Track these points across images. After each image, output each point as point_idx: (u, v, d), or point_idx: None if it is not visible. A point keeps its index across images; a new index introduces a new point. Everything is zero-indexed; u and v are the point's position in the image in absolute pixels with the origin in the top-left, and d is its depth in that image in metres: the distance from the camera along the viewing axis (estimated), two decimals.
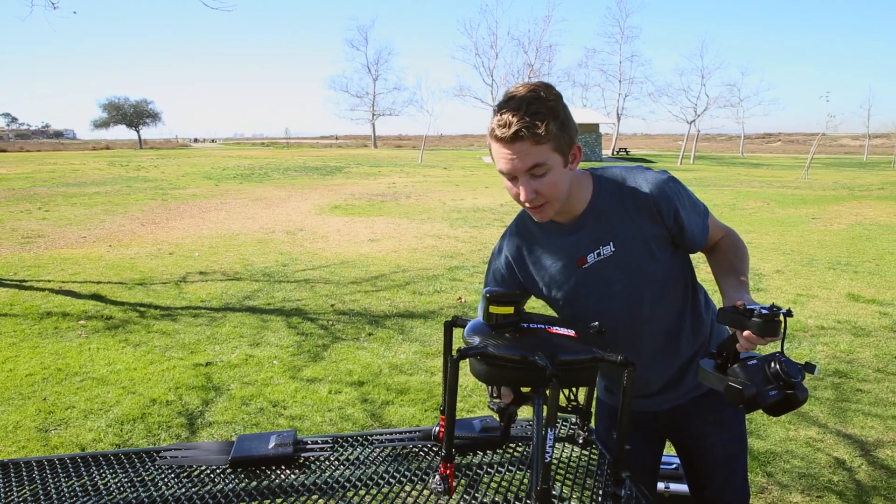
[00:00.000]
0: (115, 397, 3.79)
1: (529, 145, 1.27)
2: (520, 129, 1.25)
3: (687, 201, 1.45)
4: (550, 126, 1.26)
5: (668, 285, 1.49)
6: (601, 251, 1.45)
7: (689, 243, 1.48)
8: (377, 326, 5.22)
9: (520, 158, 1.28)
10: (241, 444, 1.58)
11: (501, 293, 1.19)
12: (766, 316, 1.14)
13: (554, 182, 1.32)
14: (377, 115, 67.83)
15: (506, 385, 1.25)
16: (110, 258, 8.06)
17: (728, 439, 1.59)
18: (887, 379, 4.13)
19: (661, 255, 1.45)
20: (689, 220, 1.45)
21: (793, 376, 1.12)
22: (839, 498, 2.77)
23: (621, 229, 1.43)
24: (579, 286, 1.49)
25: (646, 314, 1.49)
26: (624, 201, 1.43)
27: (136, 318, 5.43)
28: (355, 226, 11.07)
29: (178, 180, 21.02)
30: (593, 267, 1.46)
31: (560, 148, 1.30)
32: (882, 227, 11.24)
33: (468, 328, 1.23)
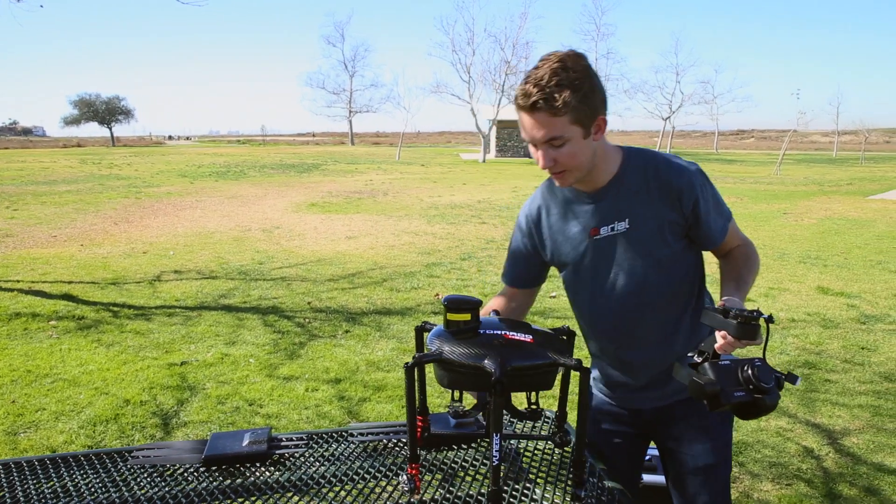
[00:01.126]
0: (87, 398, 3.73)
1: (547, 116, 1.29)
2: (537, 101, 1.28)
3: (710, 197, 1.46)
4: (569, 99, 1.27)
5: (675, 276, 1.49)
6: (615, 226, 1.45)
7: (703, 238, 1.48)
8: (354, 324, 5.21)
9: (537, 129, 1.31)
10: (215, 443, 1.57)
11: (459, 300, 1.20)
12: (744, 318, 1.12)
13: (572, 153, 1.34)
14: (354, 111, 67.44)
15: (462, 389, 1.26)
16: (82, 257, 7.92)
17: (711, 447, 1.56)
18: (854, 369, 4.23)
19: (673, 242, 1.45)
20: (707, 215, 1.44)
21: (764, 381, 1.11)
22: (807, 485, 2.84)
23: (639, 208, 1.43)
24: (587, 256, 1.50)
25: (647, 299, 1.48)
26: (648, 181, 1.43)
27: (109, 318, 5.35)
28: (332, 223, 11.01)
29: (152, 178, 20.71)
30: (605, 240, 1.47)
31: (580, 120, 1.31)
32: (850, 221, 11.49)
33: (431, 334, 1.25)
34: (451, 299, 1.21)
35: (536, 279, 1.67)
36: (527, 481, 1.44)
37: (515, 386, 1.18)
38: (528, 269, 1.65)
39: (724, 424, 1.59)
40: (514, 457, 1.56)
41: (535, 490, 1.40)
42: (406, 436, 1.64)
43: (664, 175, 1.43)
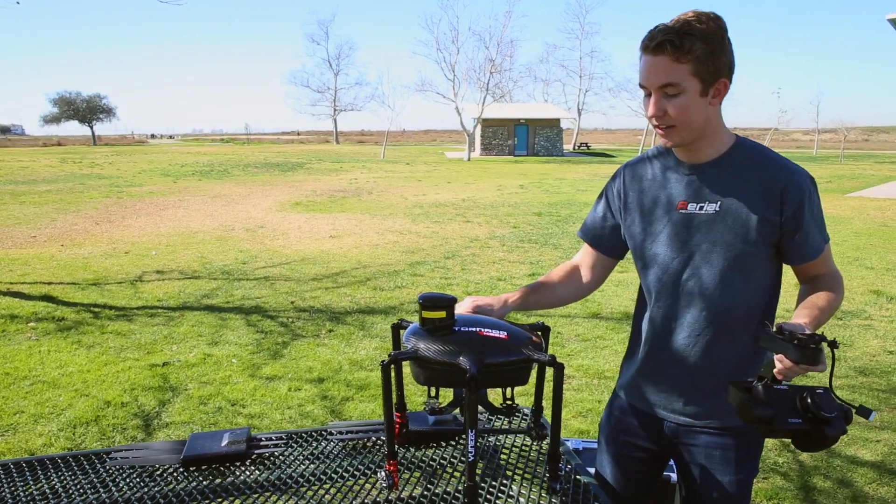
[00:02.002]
0: (66, 400, 3.70)
1: (669, 61, 1.25)
2: (662, 42, 1.24)
3: (816, 209, 1.36)
4: (696, 47, 1.23)
5: (750, 282, 1.38)
6: (705, 206, 1.37)
7: (796, 249, 1.36)
8: (337, 323, 5.20)
9: (656, 72, 1.27)
10: (194, 443, 1.58)
11: (434, 298, 1.21)
12: (803, 341, 1.04)
13: (685, 106, 1.28)
14: (339, 110, 67.23)
15: (438, 386, 1.26)
16: (62, 258, 7.83)
17: (730, 483, 1.44)
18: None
19: (760, 244, 1.35)
20: (809, 225, 1.34)
21: (825, 411, 1.04)
22: (783, 479, 2.89)
23: (736, 195, 1.35)
24: (666, 228, 1.43)
25: (709, 293, 1.39)
26: (754, 170, 1.35)
27: (90, 318, 5.30)
28: (316, 222, 10.98)
29: (134, 177, 20.51)
30: (689, 217, 1.39)
31: (701, 73, 1.26)
32: (829, 218, 11.65)
33: (407, 331, 1.25)
34: (426, 297, 1.21)
35: (614, 247, 1.57)
36: (504, 477, 1.46)
37: (490, 382, 1.19)
38: (609, 235, 1.56)
39: (751, 458, 1.47)
40: (492, 453, 1.58)
41: (512, 486, 1.42)
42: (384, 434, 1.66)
43: (773, 169, 1.35)
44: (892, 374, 4.13)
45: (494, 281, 6.65)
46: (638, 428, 1.56)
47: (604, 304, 5.74)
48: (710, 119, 1.33)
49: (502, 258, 7.90)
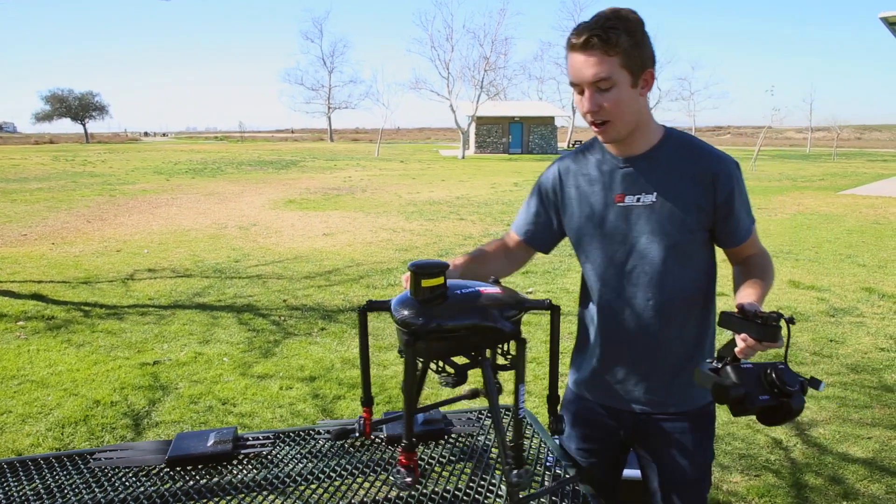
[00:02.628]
0: (55, 400, 3.67)
1: (599, 55, 1.28)
2: (591, 37, 1.27)
3: (743, 193, 1.43)
4: (622, 40, 1.27)
5: (690, 267, 1.44)
6: (642, 197, 1.41)
7: (729, 233, 1.43)
8: (330, 321, 5.18)
9: (587, 67, 1.29)
10: (179, 443, 1.56)
11: (429, 265, 1.09)
12: (765, 318, 1.09)
13: (618, 99, 1.31)
14: (333, 108, 67.07)
15: (456, 355, 1.16)
16: (53, 256, 7.77)
17: (690, 465, 1.49)
18: (822, 361, 4.32)
19: (696, 230, 1.41)
20: (739, 210, 1.41)
21: (789, 385, 1.08)
22: (775, 476, 2.89)
23: (671, 184, 1.40)
24: (607, 222, 1.45)
25: (653, 282, 1.43)
26: (686, 160, 1.41)
27: (80, 317, 5.26)
28: (310, 220, 10.94)
29: (126, 175, 20.40)
30: (628, 209, 1.43)
31: (630, 66, 1.29)
32: (821, 216, 11.70)
33: (400, 306, 1.11)
34: (420, 265, 1.09)
35: (544, 243, 1.62)
36: (492, 476, 1.44)
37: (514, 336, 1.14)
38: (541, 231, 1.60)
39: (707, 439, 1.53)
40: (482, 452, 1.56)
41: (501, 486, 1.40)
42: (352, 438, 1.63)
43: (704, 158, 1.40)
44: (883, 371, 4.14)
45: None
46: (598, 422, 1.58)
47: None
48: (642, 111, 1.37)
49: None
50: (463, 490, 1.39)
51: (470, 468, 1.49)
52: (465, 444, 1.61)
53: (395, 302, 1.13)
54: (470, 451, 1.57)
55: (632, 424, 1.53)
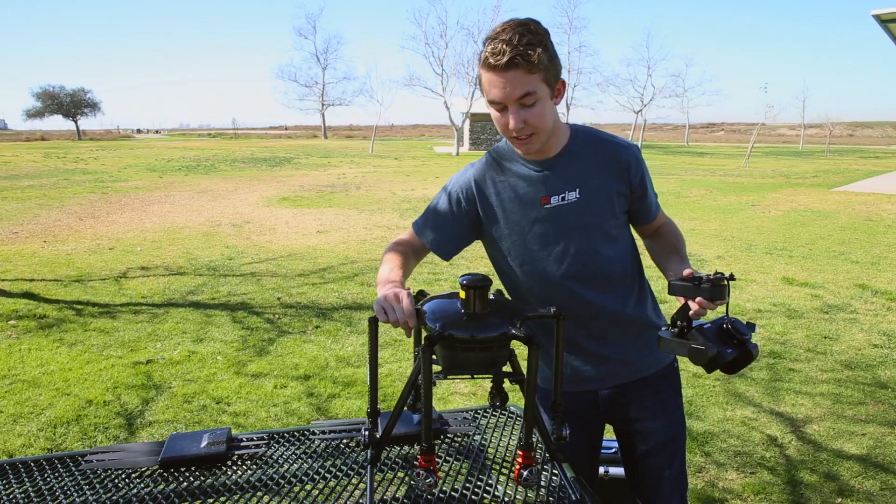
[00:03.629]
0: (47, 400, 3.64)
1: (522, 73, 1.29)
2: (514, 57, 1.27)
3: (648, 175, 1.54)
4: (542, 56, 1.29)
5: (621, 249, 1.53)
6: (566, 195, 1.46)
7: (643, 211, 1.55)
8: (324, 319, 5.16)
9: (512, 86, 1.30)
10: (172, 444, 1.54)
11: (481, 278, 1.12)
12: (715, 280, 1.20)
13: (542, 113, 1.35)
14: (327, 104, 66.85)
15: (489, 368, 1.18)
16: (45, 254, 7.72)
17: (667, 423, 1.60)
18: (816, 358, 4.33)
19: (620, 214, 1.50)
20: (649, 189, 1.53)
21: (744, 333, 1.19)
22: (771, 473, 2.89)
23: (589, 178, 1.46)
24: (537, 226, 1.49)
25: (598, 269, 1.50)
26: (597, 152, 1.47)
27: (72, 316, 5.23)
28: (304, 217, 10.90)
29: (119, 172, 20.28)
30: (555, 210, 1.47)
31: (548, 79, 1.33)
32: (815, 213, 11.74)
33: (435, 317, 1.14)
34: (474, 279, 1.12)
35: (449, 253, 1.61)
36: (489, 476, 1.43)
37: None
38: (448, 240, 1.59)
39: (676, 399, 1.64)
40: (478, 452, 1.55)
41: (498, 487, 1.39)
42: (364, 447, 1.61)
43: (611, 147, 1.49)
44: (877, 368, 4.15)
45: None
46: (576, 408, 1.61)
47: None
48: (556, 119, 1.43)
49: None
50: (459, 490, 1.37)
51: (466, 468, 1.48)
52: (461, 443, 1.60)
53: (436, 314, 1.16)
54: (466, 451, 1.56)
55: (606, 401, 1.61)
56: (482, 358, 1.12)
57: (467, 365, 1.13)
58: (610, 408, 1.62)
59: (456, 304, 1.15)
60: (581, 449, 1.65)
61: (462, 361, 1.12)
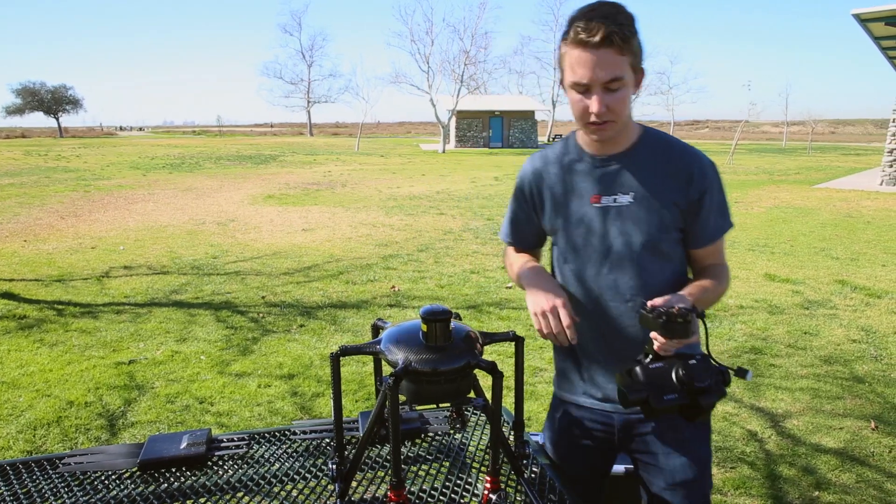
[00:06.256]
0: (27, 401, 3.60)
1: (614, 53, 1.21)
2: (609, 34, 1.19)
3: (718, 194, 1.39)
4: (633, 40, 1.22)
5: (668, 268, 1.41)
6: (619, 198, 1.38)
7: (696, 231, 1.40)
8: (309, 318, 5.15)
9: (602, 67, 1.21)
10: (152, 446, 1.53)
11: (442, 311, 1.13)
12: (669, 315, 1.08)
13: (624, 99, 1.27)
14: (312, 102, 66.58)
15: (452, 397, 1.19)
16: (25, 254, 7.62)
17: (685, 463, 1.43)
18: (797, 354, 4.38)
19: (671, 229, 1.38)
20: (710, 209, 1.38)
21: (698, 381, 1.06)
22: (750, 468, 2.93)
23: (647, 184, 1.36)
24: (584, 223, 1.42)
25: (631, 283, 1.39)
26: (662, 159, 1.38)
27: (53, 316, 5.17)
28: (289, 216, 10.85)
29: (102, 170, 20.06)
30: (604, 210, 1.39)
31: (634, 65, 1.26)
32: (796, 209, 11.87)
33: (408, 350, 1.12)
34: (434, 311, 1.12)
35: (540, 241, 1.59)
36: (468, 475, 1.44)
37: None
38: (530, 233, 1.57)
39: (700, 435, 1.47)
40: (458, 452, 1.56)
41: (477, 485, 1.40)
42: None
43: (680, 155, 1.38)
44: (855, 363, 4.21)
45: (468, 274, 6.64)
46: (586, 427, 1.53)
47: None
48: (629, 111, 1.34)
49: (476, 251, 7.89)
50: (439, 489, 1.38)
51: (447, 467, 1.49)
52: (441, 442, 1.61)
53: (391, 344, 1.16)
54: (447, 450, 1.57)
55: (622, 426, 1.48)
56: (446, 389, 1.13)
57: (432, 396, 1.13)
58: (625, 436, 1.50)
59: (417, 336, 1.14)
60: (582, 469, 1.56)
61: (427, 393, 1.13)
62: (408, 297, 5.72)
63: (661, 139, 1.41)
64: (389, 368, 1.13)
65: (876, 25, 13.58)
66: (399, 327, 1.20)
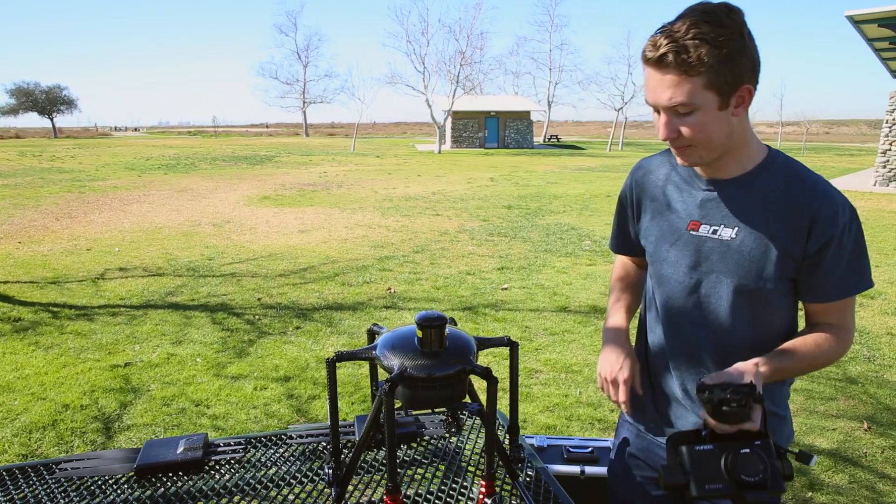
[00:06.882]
0: (22, 404, 3.60)
1: (676, 76, 1.06)
2: (666, 54, 1.05)
3: (853, 246, 1.15)
4: (706, 57, 1.04)
5: (762, 317, 1.22)
6: (719, 230, 1.21)
7: (809, 286, 1.19)
8: (305, 319, 5.15)
9: (662, 89, 1.09)
10: (148, 451, 1.54)
11: (437, 317, 1.14)
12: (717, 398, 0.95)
13: (702, 124, 1.10)
14: (308, 102, 66.52)
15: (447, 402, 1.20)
16: (19, 255, 7.60)
17: None
18: None
19: (777, 279, 1.18)
20: (834, 264, 1.15)
21: (746, 474, 0.94)
22: None
23: (756, 221, 1.17)
24: (674, 248, 1.28)
25: (714, 329, 1.24)
26: (783, 193, 1.16)
27: (48, 318, 5.16)
28: (285, 217, 10.85)
29: (97, 171, 19.99)
30: (701, 240, 1.23)
31: (717, 85, 1.06)
32: None
33: (403, 356, 1.13)
34: (430, 316, 1.13)
35: (635, 248, 1.45)
36: (464, 479, 1.45)
37: None
38: (632, 239, 1.44)
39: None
40: (453, 456, 1.57)
41: (473, 489, 1.41)
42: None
43: (806, 193, 1.15)
44: (847, 364, 4.24)
45: (464, 275, 6.65)
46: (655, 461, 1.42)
47: (572, 298, 5.78)
48: (735, 132, 1.15)
49: (472, 252, 7.90)
50: (435, 493, 1.39)
51: (442, 471, 1.50)
52: (437, 446, 1.62)
53: (387, 350, 1.17)
54: (442, 454, 1.58)
55: None
56: (442, 394, 1.14)
57: (427, 401, 1.15)
58: None
59: (413, 341, 1.15)
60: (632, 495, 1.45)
61: (422, 399, 1.14)
62: (404, 299, 5.73)
63: (788, 169, 1.19)
64: (385, 373, 1.14)
65: (869, 27, 13.64)
66: (394, 333, 1.21)
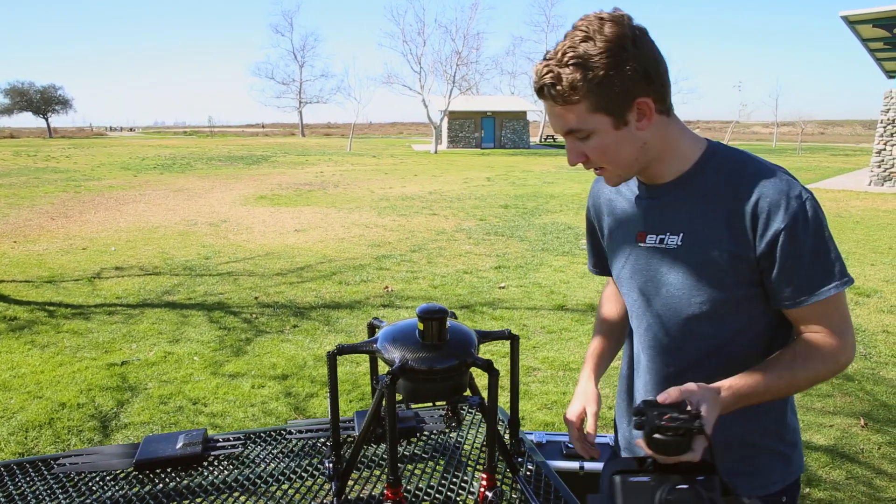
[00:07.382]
0: (18, 403, 3.58)
1: (556, 105, 1.02)
2: (542, 87, 1.01)
3: (808, 237, 1.01)
4: (581, 83, 0.97)
5: (720, 332, 1.10)
6: (665, 239, 1.12)
7: (773, 288, 1.05)
8: (302, 318, 5.14)
9: (553, 119, 1.05)
10: (147, 446, 1.53)
11: (438, 309, 1.12)
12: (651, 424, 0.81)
13: (603, 147, 1.04)
14: (304, 102, 66.46)
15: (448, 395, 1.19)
16: (15, 255, 7.57)
17: None
18: None
19: (733, 286, 1.06)
20: (792, 260, 1.01)
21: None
22: None
23: (701, 224, 1.08)
24: (628, 263, 1.21)
25: (673, 345, 1.16)
26: (726, 187, 1.06)
27: (44, 317, 5.14)
28: (281, 216, 10.83)
29: (92, 171, 19.93)
30: (650, 252, 1.15)
31: (603, 107, 0.99)
32: None
33: (405, 349, 1.12)
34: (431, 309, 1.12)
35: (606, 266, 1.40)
36: (465, 473, 1.45)
37: None
38: (601, 255, 1.38)
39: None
40: (454, 450, 1.57)
41: (473, 483, 1.41)
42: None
43: (746, 185, 1.04)
44: None
45: (461, 274, 6.65)
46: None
47: (569, 296, 5.78)
48: (651, 143, 1.06)
49: (469, 251, 7.91)
50: (436, 487, 1.39)
51: (443, 465, 1.50)
52: (437, 441, 1.62)
53: (388, 343, 1.16)
54: (443, 448, 1.58)
55: None
56: (443, 387, 1.14)
57: (428, 394, 1.14)
58: None
59: (414, 334, 1.14)
60: None
61: (423, 391, 1.13)
62: (401, 298, 5.73)
63: (730, 161, 1.09)
64: (386, 367, 1.14)
65: (864, 27, 13.71)
66: (395, 326, 1.21)
